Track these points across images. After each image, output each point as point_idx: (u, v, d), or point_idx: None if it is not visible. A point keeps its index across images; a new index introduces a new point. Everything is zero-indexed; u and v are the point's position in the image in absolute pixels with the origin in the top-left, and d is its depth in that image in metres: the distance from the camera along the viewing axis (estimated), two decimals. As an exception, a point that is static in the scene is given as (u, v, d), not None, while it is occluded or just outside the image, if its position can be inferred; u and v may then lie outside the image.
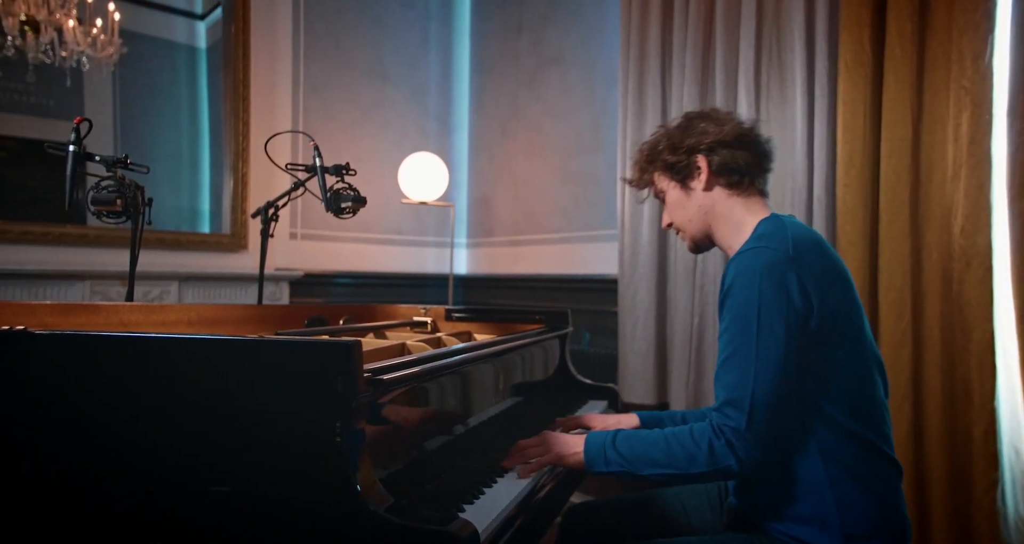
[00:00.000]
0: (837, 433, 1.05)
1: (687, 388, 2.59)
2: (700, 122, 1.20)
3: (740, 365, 1.02)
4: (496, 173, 3.78)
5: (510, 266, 3.64)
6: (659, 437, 1.08)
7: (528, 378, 1.67)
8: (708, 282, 2.54)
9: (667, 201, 1.26)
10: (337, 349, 0.82)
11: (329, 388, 0.82)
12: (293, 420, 0.83)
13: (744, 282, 1.03)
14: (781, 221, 1.12)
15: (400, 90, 3.84)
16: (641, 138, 2.75)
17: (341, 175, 1.67)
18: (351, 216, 1.67)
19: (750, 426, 1.00)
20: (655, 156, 1.24)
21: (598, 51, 3.24)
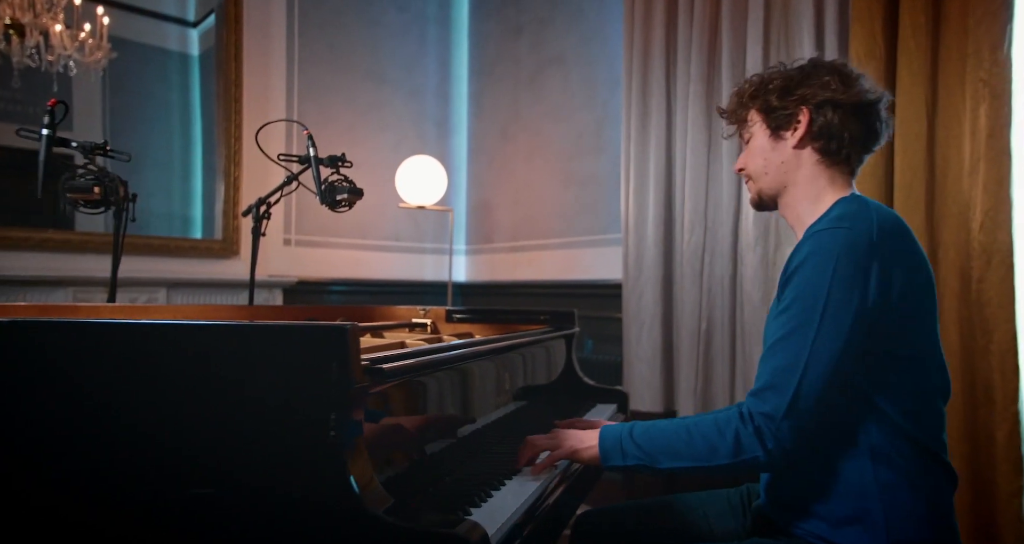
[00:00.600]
0: (892, 434, 0.97)
1: (695, 395, 2.52)
2: (825, 74, 1.08)
3: (792, 349, 0.94)
4: (496, 177, 3.73)
5: (510, 273, 3.58)
6: (680, 426, 1.01)
7: (533, 381, 1.61)
8: (715, 284, 2.49)
9: (750, 144, 1.15)
10: (331, 333, 0.76)
11: (322, 376, 0.76)
12: (283, 412, 0.76)
13: (818, 263, 0.94)
14: (864, 202, 1.03)
15: (398, 93, 3.80)
16: (646, 139, 2.71)
17: (336, 167, 1.61)
18: (347, 209, 1.61)
19: (789, 414, 0.93)
20: (760, 93, 1.11)
21: (600, 51, 3.20)
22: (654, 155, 2.68)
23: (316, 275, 3.44)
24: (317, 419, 0.75)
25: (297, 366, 0.77)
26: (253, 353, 0.78)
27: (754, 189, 1.16)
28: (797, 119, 1.08)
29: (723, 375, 2.47)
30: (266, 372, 0.77)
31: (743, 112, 1.14)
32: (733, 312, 2.45)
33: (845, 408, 0.97)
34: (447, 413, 1.14)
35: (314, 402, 0.76)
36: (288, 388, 0.76)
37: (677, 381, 2.61)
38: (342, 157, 1.63)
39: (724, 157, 2.46)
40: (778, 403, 0.93)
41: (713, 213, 2.50)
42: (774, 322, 0.99)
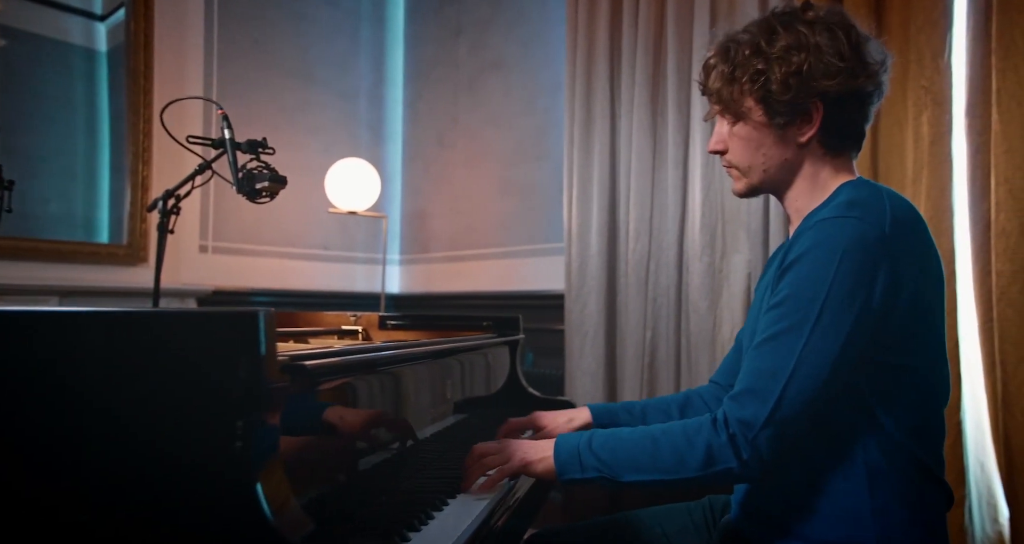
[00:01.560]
0: (892, 452, 0.89)
1: (640, 409, 2.46)
2: (836, 52, 0.91)
3: (780, 351, 0.86)
4: (432, 184, 3.62)
5: (448, 284, 3.46)
6: (644, 436, 0.92)
7: (474, 391, 1.50)
8: (660, 294, 2.45)
9: (739, 132, 0.99)
10: (239, 320, 0.63)
11: (228, 373, 0.63)
12: (179, 418, 0.63)
13: (820, 256, 0.85)
14: (876, 188, 0.92)
15: (328, 94, 3.65)
16: (589, 144, 2.66)
17: (256, 153, 1.47)
18: (268, 200, 1.46)
19: (768, 422, 0.85)
20: (761, 79, 0.93)
21: (542, 55, 3.16)
22: (598, 161, 2.64)
23: (235, 285, 3.23)
24: (221, 426, 0.62)
25: (197, 361, 0.64)
26: (147, 346, 0.64)
27: (743, 183, 1.03)
28: (808, 115, 0.95)
29: (668, 387, 2.42)
30: (161, 370, 0.64)
31: (732, 93, 0.97)
32: (678, 322, 2.41)
33: (843, 421, 0.89)
34: (381, 424, 1.01)
35: (217, 405, 0.63)
36: (185, 388, 0.63)
37: (621, 394, 2.55)
38: (263, 142, 1.49)
39: (670, 163, 2.43)
40: (758, 410, 0.85)
41: (659, 221, 2.47)
42: (763, 318, 0.90)
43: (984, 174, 1.77)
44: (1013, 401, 1.72)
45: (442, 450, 1.21)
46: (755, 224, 2.23)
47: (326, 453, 0.84)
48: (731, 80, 0.97)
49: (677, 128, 2.42)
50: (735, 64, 0.97)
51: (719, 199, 2.30)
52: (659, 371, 2.46)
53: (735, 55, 0.97)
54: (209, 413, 0.63)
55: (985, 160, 1.77)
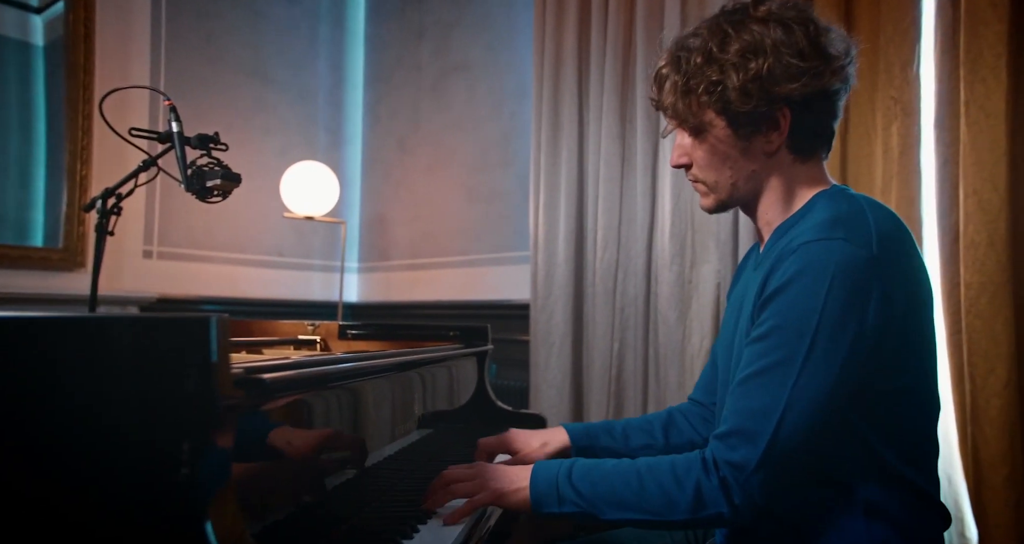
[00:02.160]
0: (890, 484, 0.85)
1: (608, 422, 2.42)
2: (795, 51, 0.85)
3: (769, 388, 0.80)
4: (393, 190, 3.54)
5: (408, 293, 3.38)
6: (630, 471, 0.86)
7: (440, 405, 1.43)
8: (628, 304, 2.42)
9: (701, 147, 0.93)
10: (188, 326, 0.56)
11: (173, 387, 0.55)
12: (116, 442, 0.55)
13: (806, 284, 0.80)
14: (854, 200, 0.87)
15: (284, 95, 3.54)
16: (556, 151, 2.63)
17: (207, 148, 1.38)
18: (220, 199, 1.38)
19: (761, 467, 0.80)
20: (718, 89, 0.87)
21: (508, 59, 3.13)
22: (565, 168, 2.60)
23: (182, 292, 3.09)
24: (164, 450, 0.55)
25: (136, 374, 0.56)
26: (69, 357, 0.56)
27: (712, 199, 0.97)
28: (775, 121, 0.89)
29: (635, 400, 2.39)
30: (90, 382, 0.56)
31: (688, 106, 0.90)
32: (647, 333, 2.38)
33: (838, 456, 0.84)
34: (343, 442, 0.94)
35: (161, 425, 0.55)
36: (122, 405, 0.55)
37: (588, 407, 2.51)
38: (215, 137, 1.40)
39: (639, 170, 2.41)
40: (749, 453, 0.80)
41: (627, 229, 2.45)
42: (747, 351, 0.85)
43: (953, 185, 1.79)
44: (981, 414, 1.73)
45: (409, 469, 1.14)
46: (724, 234, 2.22)
47: (283, 477, 0.77)
48: (686, 92, 0.90)
49: (646, 135, 2.40)
50: (688, 75, 0.90)
51: (689, 207, 2.29)
52: (626, 383, 2.42)
53: (687, 65, 0.90)
54: (151, 434, 0.55)
55: (954, 172, 1.79)
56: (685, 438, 1.14)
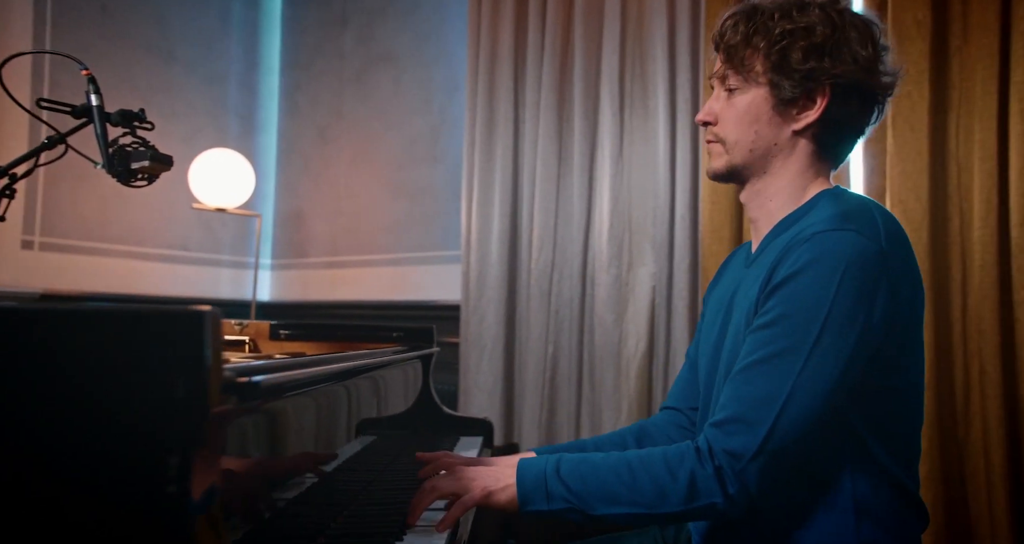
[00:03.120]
0: (880, 483, 0.86)
1: (539, 427, 2.42)
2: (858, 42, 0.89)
3: (774, 376, 0.80)
4: (312, 183, 3.41)
5: (328, 292, 3.26)
6: (620, 463, 0.85)
7: (384, 410, 1.37)
8: (563, 306, 2.43)
9: (736, 103, 0.94)
10: (179, 320, 0.50)
11: (162, 392, 0.49)
12: (92, 456, 0.48)
13: (820, 272, 0.80)
14: (860, 198, 0.89)
15: (192, 76, 3.33)
16: (491, 148, 2.61)
17: (131, 126, 1.26)
18: (146, 184, 1.26)
19: (759, 454, 0.79)
20: (780, 42, 0.89)
21: (437, 52, 3.08)
22: (500, 166, 2.59)
23: (70, 288, 2.83)
24: (149, 463, 0.48)
25: (119, 376, 0.49)
26: (53, 355, 0.48)
27: (724, 161, 0.96)
28: (813, 99, 0.91)
29: (569, 403, 2.40)
30: (70, 386, 0.48)
31: (745, 53, 0.91)
32: (581, 336, 2.40)
33: (831, 450, 0.85)
34: (312, 449, 0.88)
35: (145, 436, 0.48)
36: (106, 410, 0.48)
37: (520, 411, 2.50)
38: (140, 114, 1.28)
39: (576, 170, 2.43)
40: (747, 440, 0.80)
41: (563, 230, 2.46)
42: (750, 339, 0.85)
43: (879, 196, 1.91)
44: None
45: (367, 480, 1.08)
46: (661, 237, 2.27)
47: (259, 491, 0.70)
48: (747, 41, 0.92)
49: (584, 134, 2.42)
50: (756, 26, 0.92)
51: (627, 209, 2.33)
52: (560, 386, 2.43)
53: (759, 18, 0.93)
54: (133, 447, 0.48)
55: (880, 182, 1.90)
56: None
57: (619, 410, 2.25)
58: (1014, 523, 1.74)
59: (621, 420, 2.24)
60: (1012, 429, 1.76)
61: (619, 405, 2.25)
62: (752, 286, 0.92)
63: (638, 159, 2.33)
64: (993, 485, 1.74)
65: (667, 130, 2.28)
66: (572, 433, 2.38)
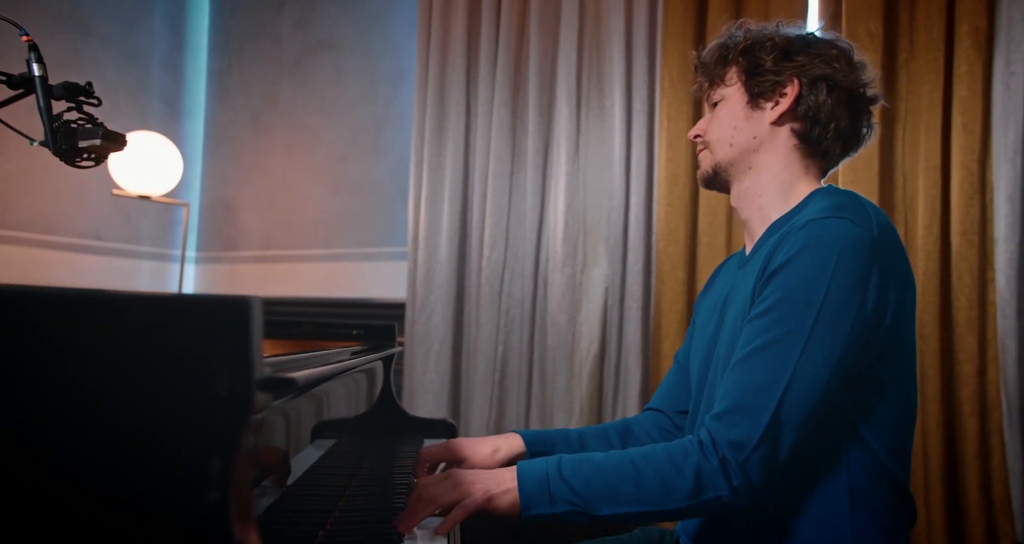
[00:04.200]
0: (873, 472, 0.87)
1: (488, 428, 2.40)
2: (831, 48, 0.98)
3: (772, 362, 0.81)
4: (244, 173, 3.26)
5: (259, 287, 3.12)
6: (623, 461, 0.84)
7: (346, 412, 1.31)
8: (514, 306, 2.42)
9: (718, 109, 1.02)
10: (222, 309, 0.45)
11: (203, 389, 0.44)
12: (123, 463, 0.42)
13: (814, 257, 0.82)
14: (852, 193, 0.92)
15: (109, 52, 3.12)
16: (441, 143, 2.57)
17: (77, 101, 1.16)
18: (93, 165, 1.16)
19: (761, 443, 0.80)
20: (754, 49, 0.98)
21: (382, 42, 3.01)
22: (451, 162, 2.55)
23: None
24: (187, 468, 0.43)
25: (153, 369, 0.44)
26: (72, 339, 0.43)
27: (709, 161, 1.02)
28: (783, 90, 0.97)
29: (519, 404, 2.39)
30: (97, 373, 0.43)
31: (723, 68, 1.01)
32: (532, 336, 2.39)
33: (827, 440, 0.87)
34: (303, 453, 0.83)
35: (183, 439, 0.44)
36: (136, 406, 0.43)
37: (468, 412, 2.46)
38: (87, 88, 1.18)
39: (529, 168, 2.42)
40: (750, 429, 0.80)
41: (516, 229, 2.44)
42: (747, 328, 0.86)
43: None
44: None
45: (341, 485, 1.03)
46: (615, 238, 2.29)
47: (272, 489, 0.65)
48: (723, 58, 1.02)
49: (538, 132, 2.42)
50: (728, 45, 1.02)
51: (582, 209, 2.34)
52: (510, 387, 2.41)
53: (732, 40, 1.03)
54: (170, 451, 0.43)
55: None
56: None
57: (571, 412, 2.26)
58: (949, 523, 1.85)
59: (572, 422, 2.25)
60: (949, 433, 1.87)
61: (571, 407, 2.25)
62: (747, 283, 0.93)
63: (593, 159, 2.34)
64: (931, 487, 1.85)
65: (623, 131, 2.30)
66: (521, 436, 2.37)
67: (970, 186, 1.84)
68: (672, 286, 2.17)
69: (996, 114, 1.85)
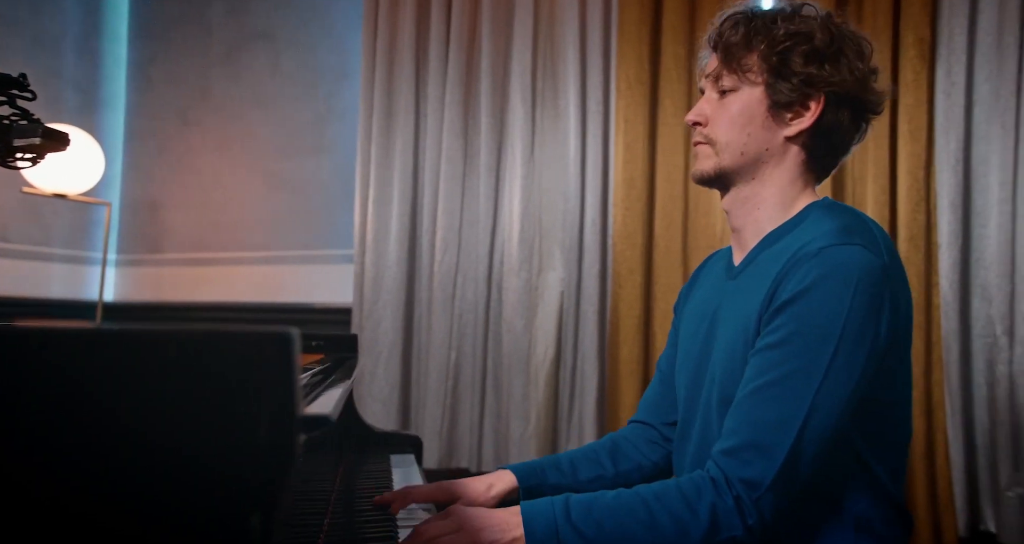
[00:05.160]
0: (877, 498, 0.87)
1: (440, 437, 2.36)
2: (855, 55, 0.91)
3: (788, 398, 0.80)
4: (170, 170, 3.09)
5: (189, 292, 2.96)
6: (635, 500, 0.82)
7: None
8: (468, 311, 2.38)
9: (730, 103, 0.94)
10: (263, 344, 0.40)
11: (244, 432, 0.40)
12: (159, 511, 0.37)
13: (832, 288, 0.80)
14: (853, 211, 0.91)
15: (16, 37, 2.90)
16: (390, 142, 2.51)
17: (10, 95, 1.06)
18: (30, 165, 1.06)
19: (777, 482, 0.79)
20: (782, 44, 0.90)
21: (323, 36, 2.91)
22: (400, 162, 2.49)
23: None
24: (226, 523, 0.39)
25: (186, 412, 0.39)
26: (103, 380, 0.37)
27: (713, 164, 0.96)
28: (807, 103, 0.91)
29: (472, 412, 2.36)
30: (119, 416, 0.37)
31: (745, 53, 0.92)
32: (486, 342, 2.36)
33: (835, 470, 0.86)
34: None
35: (222, 484, 0.39)
36: (169, 452, 0.38)
37: (419, 422, 2.41)
38: (21, 80, 1.08)
39: (482, 170, 2.39)
40: (765, 467, 0.79)
41: (469, 232, 2.41)
42: (757, 360, 0.84)
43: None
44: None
45: (318, 510, 0.97)
46: (570, 241, 2.29)
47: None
48: (748, 42, 0.93)
49: (491, 132, 2.39)
50: (757, 28, 0.93)
51: (537, 212, 2.32)
52: (463, 394, 2.38)
53: (760, 21, 0.94)
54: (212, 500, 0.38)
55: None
56: (633, 463, 1.11)
57: (527, 419, 2.24)
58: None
59: (529, 430, 2.23)
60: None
61: (527, 413, 2.24)
62: (743, 301, 0.91)
63: (549, 160, 2.33)
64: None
65: (578, 132, 2.30)
66: (475, 444, 2.34)
67: (916, 193, 1.93)
68: (630, 290, 2.18)
69: (938, 123, 1.94)
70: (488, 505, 1.04)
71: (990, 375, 1.84)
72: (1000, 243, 1.84)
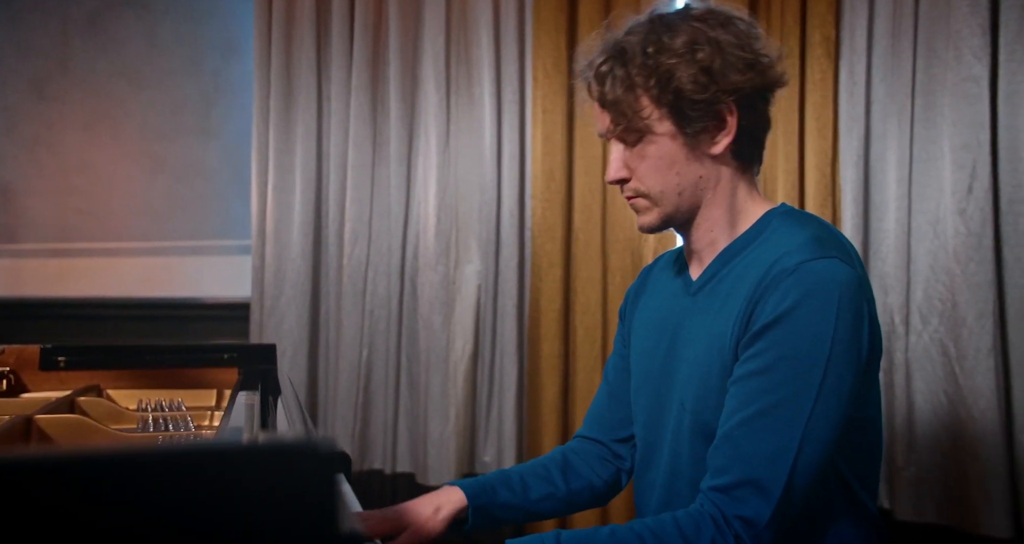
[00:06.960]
0: (859, 519, 0.86)
1: (353, 440, 2.21)
2: (740, 42, 0.83)
3: (778, 428, 0.76)
4: (26, 150, 2.70)
5: (53, 286, 2.61)
6: (631, 537, 0.77)
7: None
8: (379, 306, 2.24)
9: (645, 152, 0.87)
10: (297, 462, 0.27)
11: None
12: None
13: (816, 307, 0.76)
14: (819, 220, 0.88)
15: None
16: (290, 127, 2.29)
17: None
18: None
19: (774, 519, 0.76)
20: (669, 79, 0.82)
21: (207, 5, 2.62)
22: (302, 148, 2.28)
23: None
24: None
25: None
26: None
27: (655, 214, 0.89)
28: (722, 119, 0.85)
29: (386, 411, 2.22)
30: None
31: (632, 99, 0.84)
32: (400, 338, 2.22)
33: (819, 493, 0.83)
34: None
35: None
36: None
37: (330, 423, 2.25)
38: None
39: (393, 159, 2.24)
40: (762, 505, 0.76)
41: (379, 223, 2.25)
42: (740, 388, 0.79)
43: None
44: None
45: None
46: (487, 233, 2.19)
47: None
48: (631, 86, 0.85)
49: (401, 119, 2.24)
50: (634, 66, 0.85)
51: (453, 203, 2.20)
52: (375, 394, 2.24)
53: (633, 56, 0.85)
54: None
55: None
56: (584, 481, 1.05)
57: (446, 417, 2.13)
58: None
59: (448, 427, 2.12)
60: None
61: (446, 411, 2.13)
62: (711, 321, 0.87)
63: (464, 150, 2.21)
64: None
65: (493, 122, 2.19)
66: (389, 445, 2.21)
67: (824, 188, 1.97)
68: (550, 284, 2.11)
69: (842, 120, 1.99)
70: (437, 529, 0.97)
71: (888, 362, 1.92)
72: (897, 236, 1.92)
